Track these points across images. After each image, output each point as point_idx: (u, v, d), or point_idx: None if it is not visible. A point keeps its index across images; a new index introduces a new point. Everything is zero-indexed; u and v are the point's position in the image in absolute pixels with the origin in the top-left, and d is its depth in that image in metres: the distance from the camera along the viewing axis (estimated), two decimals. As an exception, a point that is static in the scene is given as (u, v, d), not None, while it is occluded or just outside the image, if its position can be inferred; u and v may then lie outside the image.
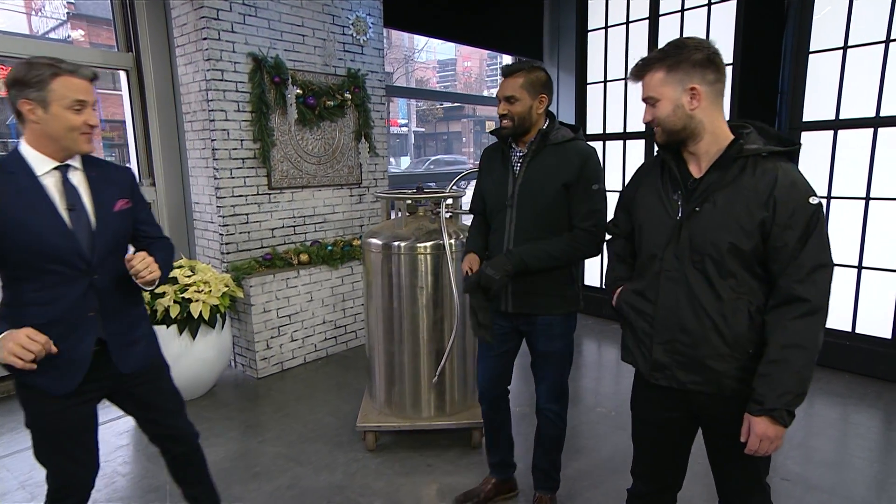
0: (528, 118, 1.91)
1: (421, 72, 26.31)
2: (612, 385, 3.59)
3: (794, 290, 1.28)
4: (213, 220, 3.73)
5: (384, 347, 2.73)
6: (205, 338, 3.21)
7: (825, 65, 3.44)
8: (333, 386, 3.54)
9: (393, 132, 23.44)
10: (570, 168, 1.88)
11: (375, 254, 2.67)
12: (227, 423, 3.05)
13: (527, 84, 1.88)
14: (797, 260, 1.28)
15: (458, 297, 2.55)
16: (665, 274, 1.42)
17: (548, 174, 1.91)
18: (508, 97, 1.89)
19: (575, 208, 1.91)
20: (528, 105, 1.89)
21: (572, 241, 1.90)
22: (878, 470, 2.53)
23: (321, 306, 4.02)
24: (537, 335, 2.03)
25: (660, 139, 1.43)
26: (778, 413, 1.28)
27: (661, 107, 1.38)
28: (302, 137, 3.97)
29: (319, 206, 4.17)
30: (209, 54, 3.45)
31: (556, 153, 1.92)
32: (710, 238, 1.35)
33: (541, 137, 1.93)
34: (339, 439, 2.86)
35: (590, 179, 1.89)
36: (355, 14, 4.23)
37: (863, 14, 3.28)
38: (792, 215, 1.28)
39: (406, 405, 2.74)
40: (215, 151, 3.57)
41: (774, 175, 1.31)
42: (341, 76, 4.15)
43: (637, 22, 4.26)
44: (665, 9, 4.09)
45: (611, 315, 4.71)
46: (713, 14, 3.87)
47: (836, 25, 3.38)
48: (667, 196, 1.45)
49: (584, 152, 1.91)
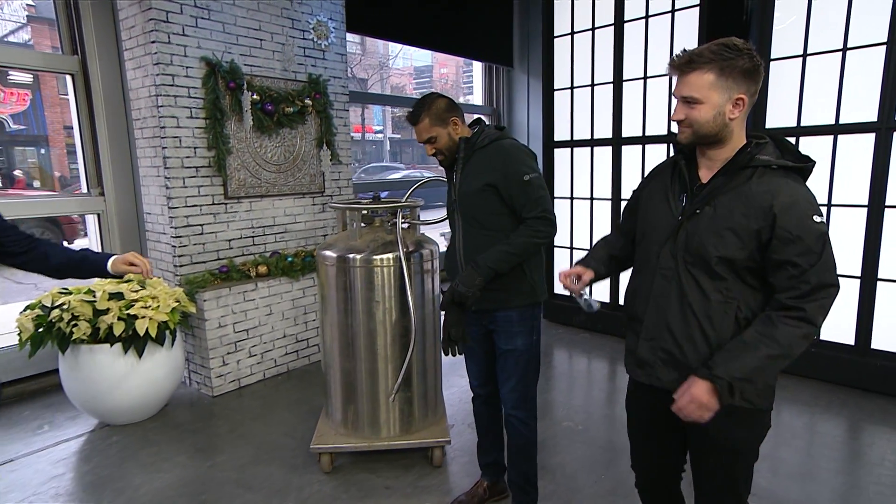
0: (453, 144, 2.01)
1: (396, 78, 26.18)
2: (581, 397, 3.50)
3: (793, 302, 1.28)
4: (165, 232, 3.55)
5: (340, 364, 2.60)
6: (153, 356, 3.02)
7: (786, 72, 3.43)
8: (292, 403, 3.38)
9: (368, 139, 23.21)
10: (493, 168, 1.93)
11: (330, 266, 2.54)
12: (176, 446, 2.86)
13: (434, 120, 1.97)
14: (802, 277, 1.26)
15: (416, 311, 2.43)
16: (660, 272, 1.44)
17: (474, 177, 1.97)
18: (427, 140, 2.00)
19: (517, 203, 1.92)
20: (445, 136, 2.00)
21: (528, 232, 1.90)
22: (842, 482, 2.48)
23: (281, 319, 3.85)
24: (499, 333, 2.03)
25: (685, 139, 1.38)
26: (720, 383, 1.27)
27: (703, 111, 1.32)
28: (260, 145, 3.81)
29: (280, 216, 4.01)
30: (158, 58, 3.27)
31: (481, 156, 1.98)
32: (704, 241, 1.35)
33: (465, 145, 2.00)
34: (294, 461, 2.70)
35: (518, 173, 1.91)
36: (316, 18, 4.10)
37: (821, 22, 3.28)
38: (795, 231, 1.26)
39: (364, 425, 2.61)
40: (166, 160, 3.39)
41: (778, 188, 1.29)
42: (302, 82, 4.01)
43: (602, 28, 4.22)
44: (630, 15, 4.05)
45: (582, 324, 4.64)
46: (677, 20, 3.84)
47: (795, 34, 3.37)
48: (674, 197, 1.46)
49: (503, 150, 1.95)
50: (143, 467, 2.64)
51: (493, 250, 1.89)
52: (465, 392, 3.46)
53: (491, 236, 1.95)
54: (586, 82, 4.39)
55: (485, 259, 1.88)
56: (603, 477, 2.52)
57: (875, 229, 3.23)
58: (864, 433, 2.92)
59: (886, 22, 3.06)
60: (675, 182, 1.48)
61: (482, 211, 1.96)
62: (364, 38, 21.86)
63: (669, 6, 3.86)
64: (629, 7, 4.05)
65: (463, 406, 3.26)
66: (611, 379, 3.79)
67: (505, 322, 2.00)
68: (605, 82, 4.26)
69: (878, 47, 3.12)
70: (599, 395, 3.46)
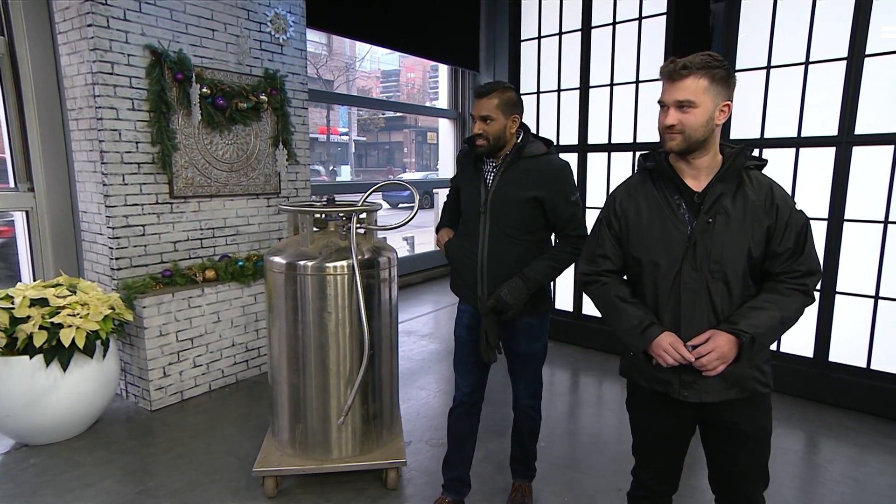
0: (503, 137, 1.95)
1: (363, 81, 25.82)
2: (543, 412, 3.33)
3: (793, 281, 1.39)
4: (101, 232, 3.23)
5: (288, 380, 2.37)
6: (81, 369, 2.72)
7: (750, 84, 3.39)
8: (239, 418, 3.12)
9: (333, 141, 22.76)
10: (543, 181, 1.94)
11: (278, 274, 2.31)
12: (103, 468, 2.56)
13: (501, 104, 1.92)
14: (799, 260, 1.39)
15: (370, 323, 2.23)
16: (684, 286, 1.42)
17: (520, 186, 1.95)
18: (484, 117, 1.92)
19: (562, 219, 1.97)
20: (502, 125, 1.93)
21: (571, 249, 1.97)
22: (803, 500, 2.40)
23: (230, 327, 3.58)
24: (519, 338, 2.07)
25: (676, 146, 1.40)
26: (745, 336, 1.34)
27: (697, 114, 1.36)
28: (210, 142, 3.54)
29: (231, 218, 3.73)
30: (95, 43, 2.97)
31: (528, 166, 1.96)
32: (728, 248, 1.38)
33: (516, 150, 1.97)
34: (235, 484, 2.45)
35: (567, 191, 1.96)
36: (274, 11, 3.85)
37: (784, 35, 3.25)
38: (788, 219, 1.39)
39: (313, 445, 2.38)
40: (104, 154, 3.09)
41: (769, 185, 1.41)
42: (257, 76, 3.76)
43: (570, 33, 4.11)
44: (597, 21, 3.96)
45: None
46: (644, 28, 3.77)
47: (759, 47, 3.33)
48: (671, 210, 1.44)
49: (556, 165, 1.98)
50: (61, 494, 2.34)
51: (540, 264, 1.95)
52: (423, 405, 3.28)
53: (517, 244, 1.97)
54: (553, 87, 4.28)
55: (534, 273, 1.93)
56: (567, 500, 2.37)
57: (834, 243, 3.20)
58: (824, 448, 2.87)
59: (847, 37, 3.05)
60: (667, 194, 1.46)
61: (520, 220, 1.97)
62: (331, 39, 21.46)
63: (637, 13, 3.78)
64: (597, 13, 3.96)
65: (421, 421, 3.07)
66: (573, 391, 3.67)
67: (526, 328, 2.06)
68: (572, 88, 4.16)
69: (838, 62, 3.10)
70: (562, 408, 3.32)
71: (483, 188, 1.99)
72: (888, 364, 3.11)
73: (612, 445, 2.84)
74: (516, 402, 2.19)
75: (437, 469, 2.55)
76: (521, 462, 2.29)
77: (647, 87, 3.81)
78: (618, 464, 2.64)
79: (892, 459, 2.72)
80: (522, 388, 2.16)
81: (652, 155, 1.52)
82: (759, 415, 1.49)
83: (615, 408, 3.32)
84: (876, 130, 3.03)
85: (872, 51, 2.99)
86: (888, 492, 2.45)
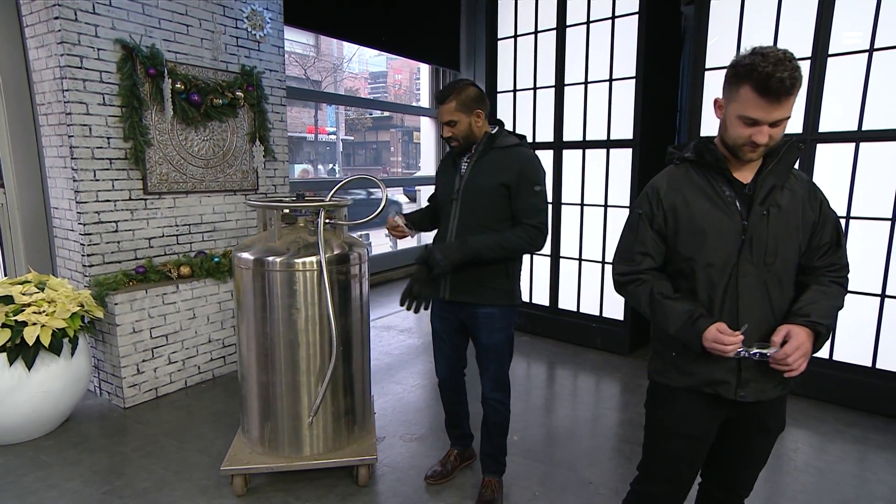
0: (471, 133, 2.00)
1: (351, 82, 25.58)
2: (519, 405, 3.25)
3: (834, 275, 1.38)
4: (73, 229, 3.11)
5: (257, 377, 2.28)
6: (48, 367, 2.61)
7: (720, 82, 3.35)
8: (213, 414, 3.03)
9: (321, 140, 22.52)
10: (511, 169, 1.95)
11: (245, 270, 2.22)
12: (69, 469, 2.46)
13: (459, 105, 1.96)
14: (837, 253, 1.38)
15: (338, 320, 2.16)
16: (742, 281, 1.33)
17: (490, 173, 1.97)
18: (448, 122, 1.98)
19: (520, 206, 1.97)
20: (465, 123, 1.98)
21: (524, 235, 1.95)
22: (768, 489, 2.38)
23: (206, 324, 3.47)
24: (479, 327, 2.07)
25: (756, 157, 1.33)
26: (822, 327, 1.30)
27: (784, 126, 1.30)
28: (186, 137, 3.42)
29: (208, 214, 3.62)
30: (63, 36, 2.85)
31: (500, 156, 1.99)
32: (782, 241, 1.34)
33: (487, 140, 2.01)
34: (205, 482, 2.36)
35: (532, 181, 1.97)
36: (251, 7, 3.74)
37: (752, 36, 3.22)
38: (827, 214, 1.38)
39: (283, 443, 2.30)
40: (73, 150, 2.97)
41: (808, 179, 1.39)
42: (234, 73, 3.64)
43: (545, 32, 4.06)
44: (572, 20, 3.91)
45: (522, 327, 4.46)
46: (617, 27, 3.72)
47: (729, 47, 3.30)
48: (724, 202, 1.36)
49: (525, 156, 1.99)
50: (23, 497, 2.24)
51: (486, 237, 1.94)
52: (398, 400, 3.21)
53: (484, 231, 1.97)
54: (529, 85, 4.22)
55: (476, 242, 1.92)
56: (537, 494, 2.32)
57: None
58: (788, 438, 2.86)
59: (811, 38, 3.03)
60: (716, 187, 1.37)
61: (488, 207, 1.98)
62: (319, 41, 21.21)
63: (610, 13, 3.73)
64: (571, 12, 3.91)
65: (396, 416, 3.00)
66: (549, 385, 3.63)
67: (486, 318, 2.04)
68: (547, 86, 4.10)
69: (803, 61, 3.08)
70: (537, 402, 3.27)
71: (458, 178, 2.04)
72: (850, 356, 3.11)
73: (586, 439, 2.80)
74: (483, 394, 2.16)
75: (409, 465, 2.50)
76: (490, 456, 2.25)
77: (620, 85, 3.77)
78: (590, 457, 2.60)
79: (851, 448, 2.72)
80: (487, 380, 2.13)
81: (698, 147, 1.40)
82: (783, 410, 1.47)
83: (589, 401, 3.28)
84: (838, 129, 3.03)
85: (835, 51, 2.97)
86: (848, 479, 2.44)
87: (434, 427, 2.86)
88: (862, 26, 2.90)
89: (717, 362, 1.35)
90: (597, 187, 3.98)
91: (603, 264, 4.00)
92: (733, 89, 1.30)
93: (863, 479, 2.47)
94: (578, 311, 4.16)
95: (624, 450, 2.69)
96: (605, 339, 4.02)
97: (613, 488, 2.35)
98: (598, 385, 3.54)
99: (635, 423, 2.97)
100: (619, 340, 3.96)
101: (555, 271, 4.25)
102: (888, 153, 2.92)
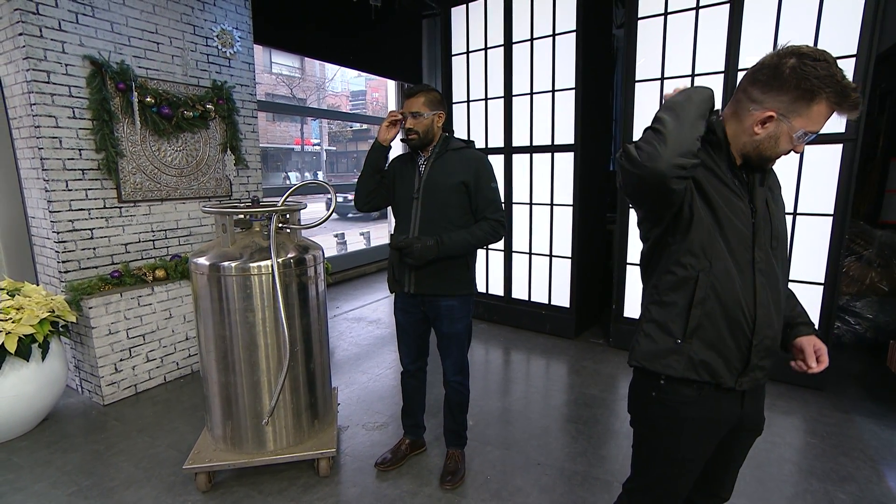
0: (431, 131, 1.91)
1: (333, 99, 25.01)
2: (477, 390, 3.10)
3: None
4: (48, 237, 2.81)
5: (217, 378, 2.06)
6: (17, 372, 2.33)
7: (649, 93, 3.24)
8: (189, 409, 2.78)
9: (307, 150, 22.01)
10: (469, 168, 1.89)
11: (201, 275, 1.99)
12: (40, 470, 2.20)
13: (427, 102, 1.88)
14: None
15: (290, 323, 1.95)
16: (757, 267, 1.10)
17: (449, 173, 1.90)
18: (414, 113, 1.88)
19: (481, 202, 1.90)
20: (428, 120, 1.89)
21: (489, 229, 1.89)
22: (700, 461, 2.27)
23: (183, 322, 3.21)
24: (441, 319, 1.98)
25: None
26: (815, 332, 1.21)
27: None
28: (158, 148, 3.14)
29: (184, 219, 3.35)
30: (28, 52, 2.55)
31: (455, 157, 1.92)
32: (781, 223, 1.16)
33: (443, 142, 1.94)
34: (172, 479, 2.13)
35: (489, 178, 1.91)
36: (220, 27, 3.46)
37: (675, 54, 3.10)
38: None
39: (246, 440, 2.08)
40: (44, 161, 2.67)
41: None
42: (205, 87, 3.36)
43: (494, 48, 3.87)
44: (517, 37, 3.74)
45: (479, 315, 4.29)
46: (557, 44, 3.56)
47: (654, 63, 3.18)
48: (734, 183, 1.10)
49: (478, 156, 1.94)
50: (-15, 503, 1.98)
51: (457, 235, 1.86)
52: (363, 389, 3.01)
53: (445, 227, 1.88)
54: (481, 96, 4.04)
55: (450, 240, 1.84)
56: (489, 478, 2.16)
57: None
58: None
59: (723, 55, 2.93)
60: (721, 167, 1.09)
61: (448, 204, 1.89)
62: (304, 63, 20.61)
63: (551, 30, 3.57)
64: (517, 30, 3.73)
65: (360, 405, 2.81)
66: (505, 369, 3.48)
67: (447, 309, 1.97)
68: (497, 97, 3.93)
69: (717, 74, 2.98)
70: (495, 387, 3.11)
71: (417, 178, 1.94)
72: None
73: (536, 420, 2.65)
74: (445, 377, 2.09)
75: (370, 454, 2.31)
76: (452, 432, 2.18)
77: (561, 96, 3.61)
78: (539, 439, 2.45)
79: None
80: (449, 364, 2.06)
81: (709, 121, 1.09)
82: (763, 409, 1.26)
83: (540, 384, 3.14)
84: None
85: (744, 66, 2.88)
86: (759, 444, 2.33)
87: (396, 415, 2.66)
88: (767, 44, 2.81)
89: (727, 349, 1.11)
90: (543, 188, 3.83)
91: (550, 257, 3.86)
92: (801, 104, 1.00)
93: (773, 443, 2.39)
94: (530, 300, 4.01)
95: (570, 429, 2.55)
96: (553, 325, 3.89)
97: (559, 468, 2.20)
98: (548, 367, 3.40)
99: (579, 402, 2.83)
100: (566, 325, 3.84)
101: (508, 264, 4.10)
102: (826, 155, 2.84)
